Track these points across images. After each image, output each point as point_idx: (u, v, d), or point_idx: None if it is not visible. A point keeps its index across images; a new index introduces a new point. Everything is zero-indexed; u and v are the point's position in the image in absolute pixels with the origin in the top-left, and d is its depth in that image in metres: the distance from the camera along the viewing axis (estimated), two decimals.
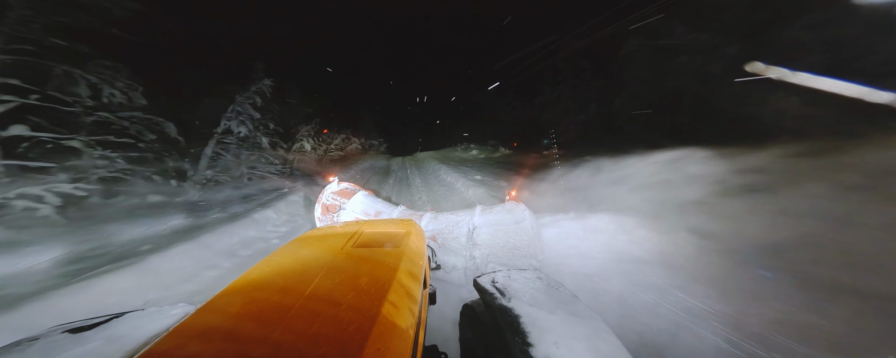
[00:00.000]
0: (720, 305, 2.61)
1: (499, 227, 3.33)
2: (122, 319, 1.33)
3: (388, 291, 1.14)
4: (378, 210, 4.54)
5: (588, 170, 7.69)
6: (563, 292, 1.54)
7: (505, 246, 3.21)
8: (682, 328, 2.44)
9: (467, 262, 3.28)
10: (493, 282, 1.64)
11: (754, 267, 3.04)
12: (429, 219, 3.96)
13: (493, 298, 1.48)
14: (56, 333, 1.20)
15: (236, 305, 1.07)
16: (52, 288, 3.04)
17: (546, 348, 1.11)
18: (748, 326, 2.36)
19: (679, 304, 2.68)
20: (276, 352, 0.83)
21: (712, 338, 2.33)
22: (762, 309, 2.52)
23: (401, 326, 1.02)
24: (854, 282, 2.62)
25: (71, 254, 4.05)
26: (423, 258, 1.77)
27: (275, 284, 1.23)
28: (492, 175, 11.45)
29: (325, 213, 4.61)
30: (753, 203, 4.04)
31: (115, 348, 1.12)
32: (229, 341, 0.89)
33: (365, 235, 1.93)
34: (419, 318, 1.24)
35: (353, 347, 0.85)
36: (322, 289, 1.16)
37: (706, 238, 3.61)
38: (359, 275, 1.29)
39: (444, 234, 3.57)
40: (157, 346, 0.90)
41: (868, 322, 2.27)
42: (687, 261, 3.29)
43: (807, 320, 2.36)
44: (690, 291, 2.82)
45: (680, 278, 3.01)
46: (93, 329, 1.24)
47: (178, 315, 1.39)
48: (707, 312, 2.56)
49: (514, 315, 1.31)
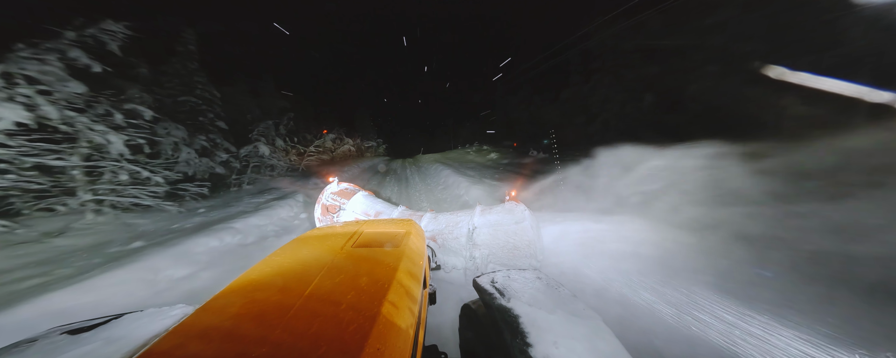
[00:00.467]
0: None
1: (499, 227, 3.33)
2: (121, 319, 1.33)
3: (388, 291, 1.14)
4: (378, 210, 4.54)
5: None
6: (563, 292, 1.54)
7: (505, 246, 3.21)
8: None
9: (467, 262, 3.28)
10: (493, 282, 1.64)
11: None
12: (429, 219, 3.96)
13: (492, 298, 1.48)
14: (55, 334, 1.20)
15: (236, 305, 1.07)
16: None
17: (545, 348, 1.11)
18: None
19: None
20: (276, 352, 0.83)
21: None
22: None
23: (401, 326, 1.02)
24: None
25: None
26: (422, 258, 1.77)
27: (274, 283, 1.23)
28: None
29: (325, 213, 4.60)
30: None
31: (114, 349, 1.12)
32: (229, 341, 0.89)
33: (365, 235, 1.93)
34: (419, 318, 1.24)
35: (353, 347, 0.85)
36: (322, 289, 1.16)
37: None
38: (359, 275, 1.29)
39: (443, 234, 3.57)
40: (157, 346, 0.90)
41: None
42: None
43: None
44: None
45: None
46: (92, 330, 1.24)
47: (178, 315, 1.39)
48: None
49: (514, 315, 1.31)
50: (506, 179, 10.79)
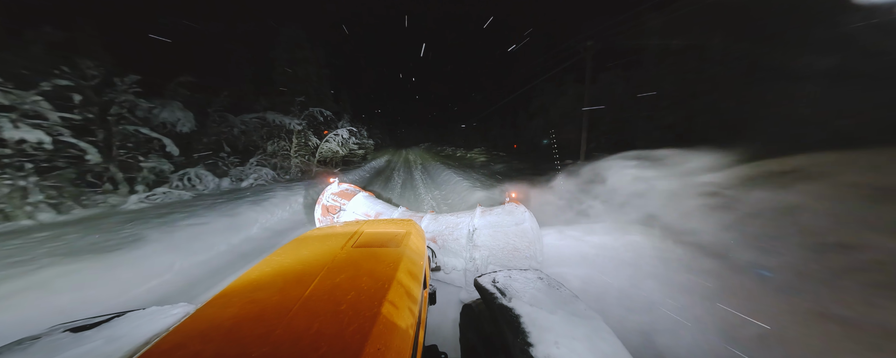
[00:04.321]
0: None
1: (499, 228, 3.33)
2: (122, 318, 1.34)
3: (388, 291, 1.14)
4: (378, 211, 4.54)
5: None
6: (564, 292, 1.54)
7: (505, 247, 3.21)
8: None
9: (467, 263, 3.28)
10: (494, 282, 1.64)
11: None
12: (429, 220, 3.96)
13: (493, 298, 1.48)
14: (57, 332, 1.20)
15: (236, 305, 1.07)
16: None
17: (546, 348, 1.11)
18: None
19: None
20: (276, 352, 0.83)
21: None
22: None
23: (401, 326, 1.02)
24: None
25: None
26: (423, 258, 1.77)
27: (275, 283, 1.23)
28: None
29: (326, 213, 4.61)
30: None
31: (116, 348, 1.12)
32: (229, 341, 0.89)
33: (365, 235, 1.93)
34: (419, 318, 1.24)
35: (353, 347, 0.85)
36: (322, 289, 1.16)
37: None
38: (359, 275, 1.29)
39: (444, 235, 3.57)
40: (158, 345, 0.90)
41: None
42: None
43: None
44: None
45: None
46: (93, 328, 1.24)
47: (179, 315, 1.39)
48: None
49: (515, 315, 1.30)
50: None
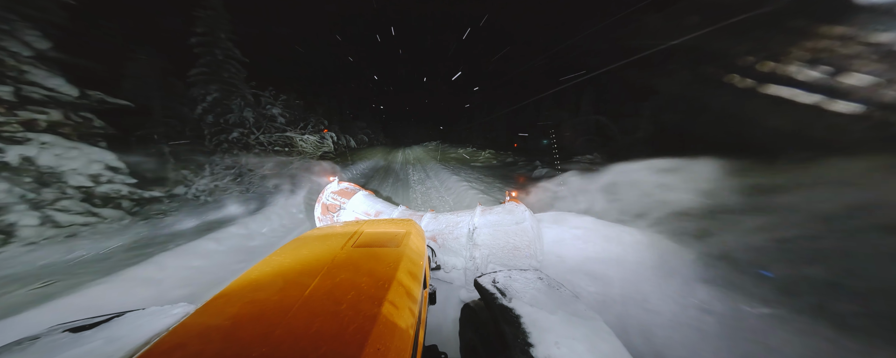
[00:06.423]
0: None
1: (499, 227, 3.33)
2: (122, 318, 1.33)
3: (389, 291, 1.14)
4: (378, 210, 4.54)
5: None
6: (564, 293, 1.54)
7: (505, 246, 3.20)
8: None
9: (467, 262, 3.28)
10: (494, 282, 1.63)
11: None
12: (429, 219, 3.95)
13: (493, 298, 1.48)
14: (57, 333, 1.20)
15: (236, 305, 1.07)
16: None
17: (546, 348, 1.11)
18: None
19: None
20: (276, 351, 0.83)
21: None
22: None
23: (401, 326, 1.01)
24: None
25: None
26: (423, 258, 1.77)
27: (275, 283, 1.23)
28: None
29: (325, 212, 4.61)
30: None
31: (116, 348, 1.12)
32: (229, 341, 0.89)
33: (365, 235, 1.92)
34: (419, 318, 1.24)
35: (353, 347, 0.85)
36: (322, 288, 1.16)
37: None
38: (359, 275, 1.29)
39: (444, 234, 3.57)
40: (157, 345, 0.90)
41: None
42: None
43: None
44: None
45: None
46: (93, 328, 1.24)
47: (179, 315, 1.39)
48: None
49: (515, 315, 1.30)
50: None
